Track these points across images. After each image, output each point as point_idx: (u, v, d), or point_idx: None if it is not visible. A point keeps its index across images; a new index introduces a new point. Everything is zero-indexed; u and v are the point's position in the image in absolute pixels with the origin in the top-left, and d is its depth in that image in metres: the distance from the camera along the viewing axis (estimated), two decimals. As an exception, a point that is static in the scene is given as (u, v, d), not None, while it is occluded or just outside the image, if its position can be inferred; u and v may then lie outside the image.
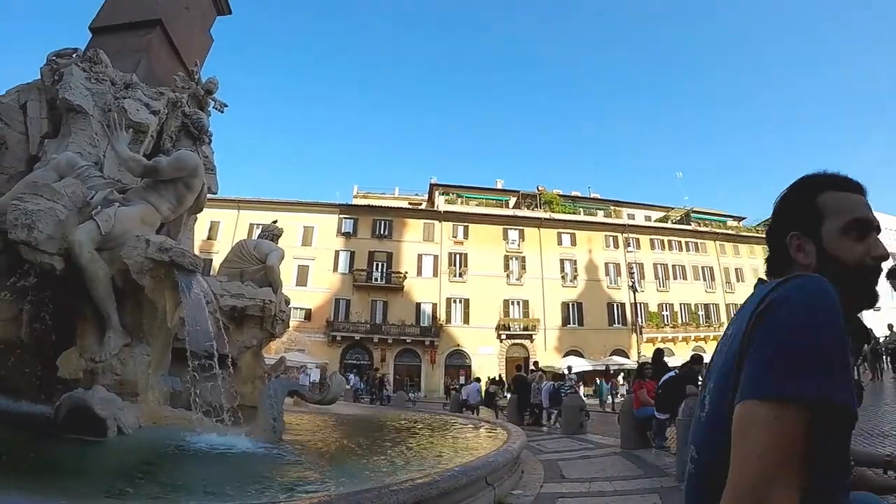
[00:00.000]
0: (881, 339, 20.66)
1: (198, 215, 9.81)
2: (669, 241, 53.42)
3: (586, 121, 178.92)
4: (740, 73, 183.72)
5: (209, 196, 9.12)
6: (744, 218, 62.63)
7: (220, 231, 46.61)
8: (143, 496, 3.85)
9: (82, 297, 6.42)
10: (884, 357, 20.48)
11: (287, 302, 9.72)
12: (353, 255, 48.11)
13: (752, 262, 54.04)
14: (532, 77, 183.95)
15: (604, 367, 36.37)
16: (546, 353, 44.93)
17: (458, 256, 49.38)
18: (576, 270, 50.30)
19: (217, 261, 17.29)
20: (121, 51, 10.26)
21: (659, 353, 12.55)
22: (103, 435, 5.07)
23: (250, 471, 5.14)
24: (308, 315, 44.88)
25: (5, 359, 6.47)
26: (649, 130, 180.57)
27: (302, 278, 45.96)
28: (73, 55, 9.35)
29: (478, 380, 26.67)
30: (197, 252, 8.83)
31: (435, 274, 48.57)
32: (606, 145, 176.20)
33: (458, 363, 45.03)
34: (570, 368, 22.80)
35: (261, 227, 11.36)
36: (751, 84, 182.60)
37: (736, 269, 53.62)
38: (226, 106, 10.80)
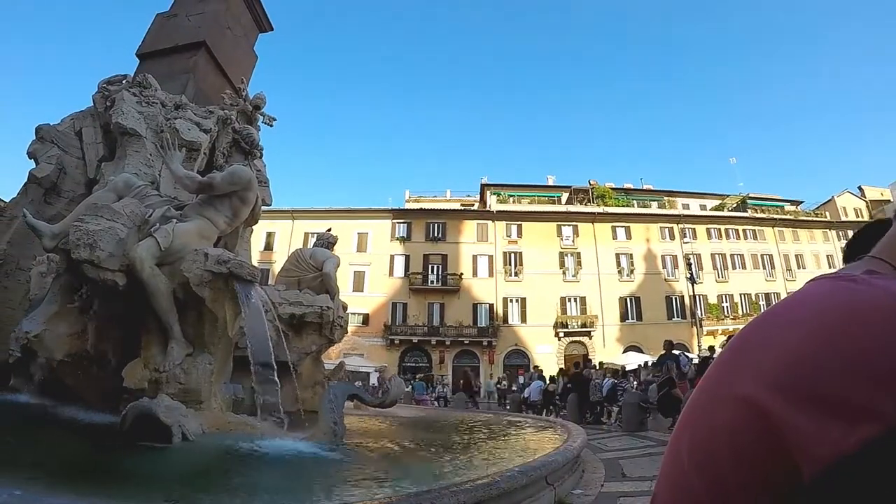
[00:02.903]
0: None
1: (253, 227, 10.01)
2: (726, 230, 51.91)
3: (635, 112, 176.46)
4: (791, 53, 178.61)
5: (264, 208, 9.32)
6: (801, 202, 60.33)
7: (276, 241, 47.60)
8: (205, 500, 3.98)
9: (145, 311, 6.64)
10: None
11: (344, 308, 9.83)
12: (408, 258, 48.49)
13: (813, 247, 52.18)
14: (578, 70, 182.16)
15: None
16: (605, 349, 44.25)
17: (512, 255, 49.21)
18: (632, 264, 49.42)
19: (275, 270, 17.61)
20: (168, 74, 10.63)
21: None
22: (168, 442, 5.22)
23: (312, 473, 5.24)
24: (366, 320, 45.34)
25: (73, 371, 6.77)
26: (699, 117, 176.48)
27: (358, 284, 46.50)
28: (123, 81, 9.73)
29: (541, 377, 26.28)
30: (256, 263, 9.04)
31: (490, 274, 48.46)
32: (657, 135, 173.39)
33: (517, 363, 44.64)
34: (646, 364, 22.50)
35: (316, 235, 11.52)
36: (803, 64, 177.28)
37: (796, 256, 51.58)
38: (274, 120, 11.02)
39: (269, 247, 47.32)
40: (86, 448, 5.11)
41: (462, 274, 47.86)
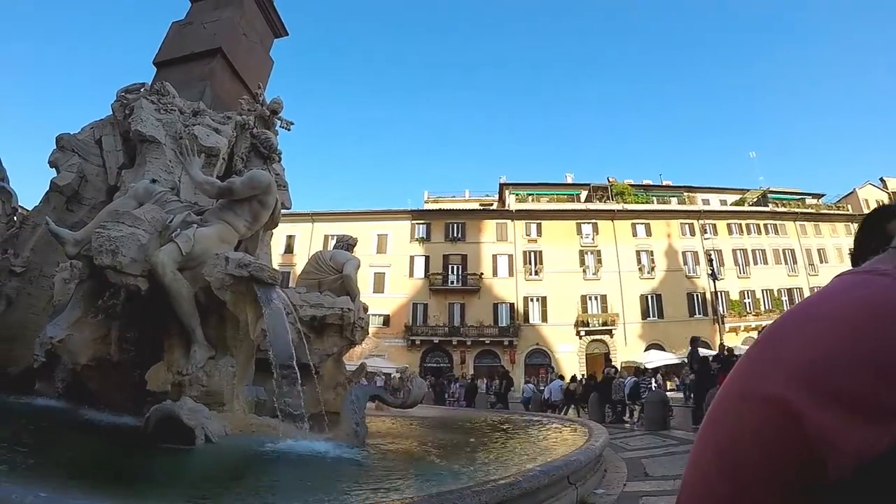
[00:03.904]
0: None
1: (273, 231, 10.08)
2: (747, 225, 51.11)
3: (652, 108, 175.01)
4: (808, 47, 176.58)
5: (284, 211, 9.38)
6: (823, 195, 59.22)
7: (296, 244, 47.94)
8: (227, 500, 4.02)
9: (167, 315, 6.72)
10: None
11: (365, 309, 9.83)
12: (427, 259, 48.52)
13: (835, 241, 50.77)
14: (594, 68, 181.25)
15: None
16: (626, 347, 44.16)
17: (532, 254, 48.99)
18: (653, 261, 48.91)
19: (296, 273, 17.71)
20: (186, 81, 10.77)
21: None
22: (191, 443, 5.29)
23: (334, 474, 5.28)
24: (386, 321, 45.52)
25: (97, 374, 6.88)
26: (717, 112, 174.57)
27: (379, 285, 46.63)
28: (141, 89, 9.87)
29: (561, 377, 26.31)
30: (276, 266, 9.10)
31: (510, 273, 48.33)
32: (675, 131, 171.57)
33: (539, 362, 44.54)
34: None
35: (336, 237, 11.56)
36: (820, 56, 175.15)
37: (818, 250, 50.52)
38: (292, 124, 11.07)
39: (289, 250, 47.67)
40: (110, 450, 5.19)
41: (482, 274, 47.82)
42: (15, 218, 10.06)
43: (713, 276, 38.67)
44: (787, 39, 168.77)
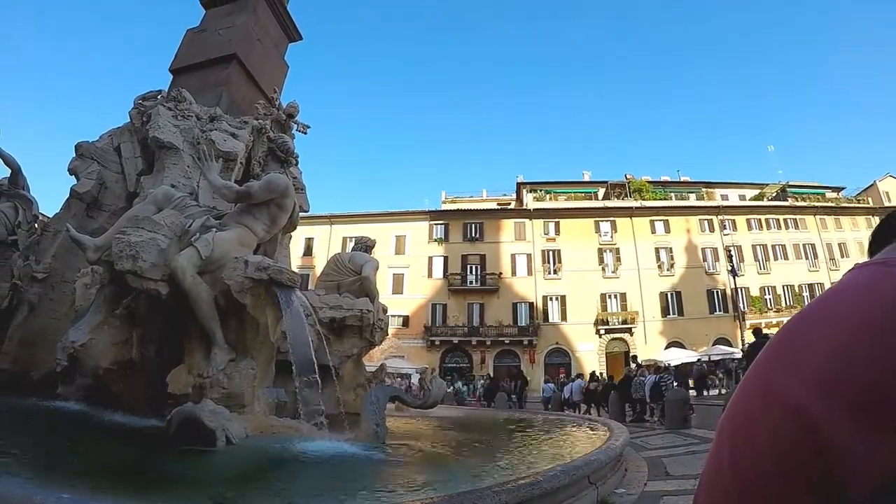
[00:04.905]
0: None
1: (292, 233, 10.15)
2: (767, 220, 50.43)
3: (669, 103, 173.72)
4: (824, 39, 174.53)
5: (302, 214, 9.45)
6: (843, 188, 58.06)
7: (315, 246, 48.15)
8: (248, 500, 4.06)
9: (188, 318, 6.80)
10: None
11: (384, 310, 9.87)
12: (446, 259, 48.51)
13: (856, 234, 49.69)
14: (609, 64, 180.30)
15: (707, 358, 34.71)
16: (646, 346, 43.75)
17: (551, 253, 48.77)
18: (672, 258, 48.42)
19: (316, 275, 17.82)
20: (202, 87, 10.89)
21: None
22: (212, 445, 5.34)
23: (354, 475, 5.29)
24: (406, 322, 45.58)
25: (119, 378, 6.96)
26: (733, 106, 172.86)
27: (397, 286, 46.73)
28: (158, 96, 9.97)
29: (580, 376, 26.21)
30: (296, 268, 9.15)
31: (529, 273, 48.18)
32: (692, 126, 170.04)
33: (558, 361, 44.33)
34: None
35: (354, 239, 11.60)
36: (836, 48, 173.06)
37: (839, 245, 49.64)
38: (308, 127, 11.15)
39: (308, 252, 47.89)
40: (132, 452, 5.25)
41: (501, 273, 47.70)
42: (36, 225, 10.20)
43: (733, 273, 38.28)
44: (803, 34, 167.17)
